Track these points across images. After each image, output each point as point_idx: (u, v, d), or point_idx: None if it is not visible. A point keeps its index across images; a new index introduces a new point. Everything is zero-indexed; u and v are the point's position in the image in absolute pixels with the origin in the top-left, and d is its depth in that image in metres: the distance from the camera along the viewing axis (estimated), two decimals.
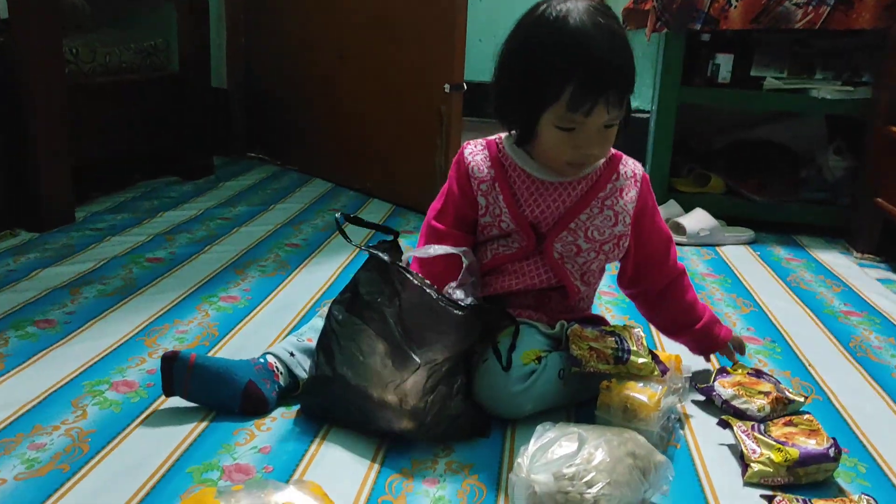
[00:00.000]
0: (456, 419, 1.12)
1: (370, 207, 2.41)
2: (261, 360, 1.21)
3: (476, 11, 2.17)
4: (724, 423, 1.16)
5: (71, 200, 2.08)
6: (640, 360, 1.17)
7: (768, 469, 1.06)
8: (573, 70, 1.10)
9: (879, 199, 2.10)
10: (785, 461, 1.05)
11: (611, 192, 1.24)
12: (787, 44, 2.32)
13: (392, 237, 1.19)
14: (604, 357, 1.17)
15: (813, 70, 2.29)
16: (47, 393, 1.20)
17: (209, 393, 1.15)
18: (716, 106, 2.53)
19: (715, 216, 2.23)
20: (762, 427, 1.14)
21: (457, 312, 1.11)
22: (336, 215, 1.20)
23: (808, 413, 1.20)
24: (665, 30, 2.25)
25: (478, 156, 1.26)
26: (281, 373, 1.20)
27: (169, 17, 2.55)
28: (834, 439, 1.09)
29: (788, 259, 2.11)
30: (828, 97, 2.22)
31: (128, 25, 2.62)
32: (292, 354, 1.23)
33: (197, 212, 2.24)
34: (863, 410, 1.29)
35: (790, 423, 1.15)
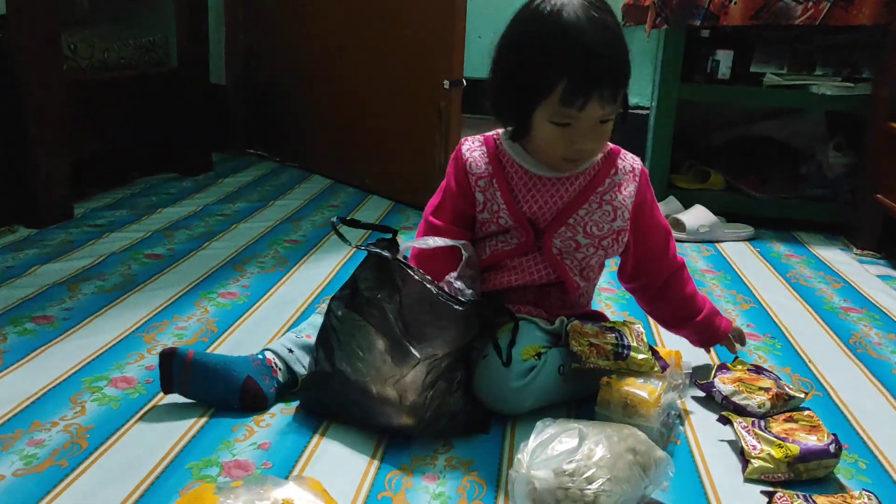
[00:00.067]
0: (455, 415, 1.12)
1: (369, 204, 2.41)
2: (259, 357, 1.20)
3: (475, 8, 2.16)
4: (725, 420, 1.16)
5: (69, 197, 2.08)
6: (641, 357, 1.17)
7: (769, 465, 1.06)
8: (566, 64, 1.10)
9: (879, 196, 2.10)
10: (785, 457, 1.05)
11: (609, 187, 1.24)
12: (787, 40, 2.32)
13: (391, 235, 1.19)
14: (604, 353, 1.17)
15: (813, 66, 2.29)
16: (46, 389, 1.20)
17: (208, 389, 1.15)
18: (715, 102, 2.52)
19: (714, 212, 2.23)
20: (762, 423, 1.14)
21: (457, 307, 1.11)
22: (332, 219, 1.20)
23: (809, 409, 1.20)
24: (665, 26, 2.24)
25: (475, 152, 1.26)
26: (280, 369, 1.20)
27: (167, 13, 2.55)
28: (834, 435, 1.09)
29: (788, 255, 2.10)
30: (828, 93, 2.22)
31: (126, 21, 2.62)
32: (291, 351, 1.22)
33: (196, 208, 2.24)
34: (863, 407, 1.29)
35: (791, 420, 1.15)
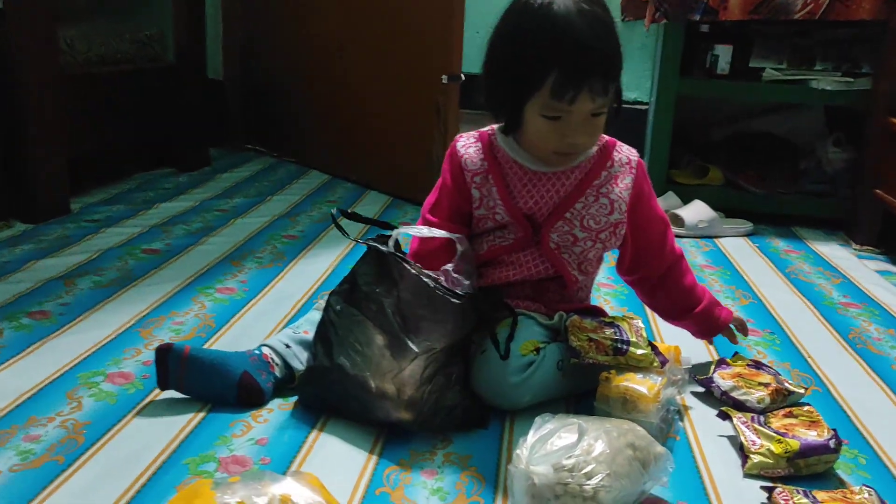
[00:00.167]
0: (453, 410, 1.12)
1: (367, 199, 2.40)
2: (256, 352, 1.20)
3: (474, 2, 2.15)
4: (724, 415, 1.15)
5: (66, 192, 2.07)
6: (640, 352, 1.16)
7: (768, 460, 1.05)
8: (556, 57, 1.10)
9: (879, 191, 2.09)
10: (785, 452, 1.05)
11: (605, 180, 1.23)
12: (787, 35, 2.31)
13: (390, 231, 1.18)
14: (603, 348, 1.16)
15: (812, 61, 2.28)
16: (42, 385, 1.19)
17: (204, 385, 1.15)
18: (715, 97, 2.52)
19: (714, 208, 2.23)
20: (762, 418, 1.14)
21: (454, 301, 1.11)
22: (332, 210, 1.19)
23: (809, 404, 1.20)
24: (664, 20, 2.24)
25: (471, 148, 1.25)
26: (277, 364, 1.20)
27: (165, 8, 2.54)
28: (834, 430, 1.08)
29: (787, 251, 2.10)
30: (827, 88, 2.21)
31: (123, 15, 2.61)
32: (288, 346, 1.22)
33: (193, 203, 2.23)
34: (863, 402, 1.28)
35: (790, 415, 1.15)
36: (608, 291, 1.71)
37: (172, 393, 1.16)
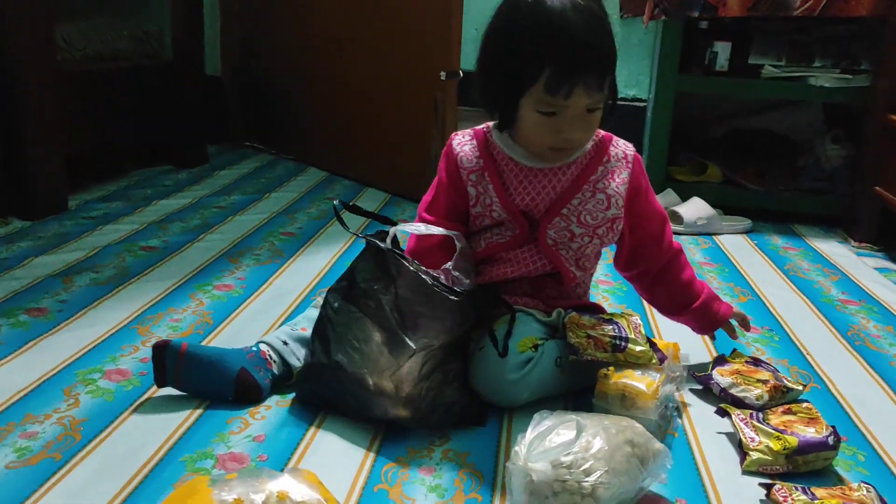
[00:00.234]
0: (451, 407, 1.11)
1: (365, 196, 2.40)
2: (253, 349, 1.20)
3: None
4: (723, 412, 1.15)
5: (63, 189, 2.06)
6: (638, 349, 1.16)
7: (767, 457, 1.05)
8: (550, 52, 1.09)
9: (878, 188, 2.09)
10: (784, 449, 1.05)
11: (602, 175, 1.23)
12: (786, 31, 2.31)
13: (390, 227, 1.18)
14: (601, 345, 1.16)
15: (811, 58, 2.28)
16: (39, 381, 1.19)
17: (201, 382, 1.14)
18: (713, 94, 2.51)
19: (712, 205, 2.22)
20: (760, 415, 1.13)
21: (452, 297, 1.11)
22: (334, 202, 1.19)
23: (807, 401, 1.20)
24: (663, 17, 2.24)
25: (466, 146, 1.25)
26: (274, 361, 1.19)
27: (162, 4, 2.53)
28: (833, 427, 1.08)
29: (786, 248, 2.10)
30: (826, 85, 2.21)
31: (121, 12, 2.59)
32: (286, 343, 1.22)
33: (191, 200, 2.23)
34: (861, 399, 1.28)
35: (789, 412, 1.14)
36: (607, 288, 1.71)
37: (170, 390, 1.16)
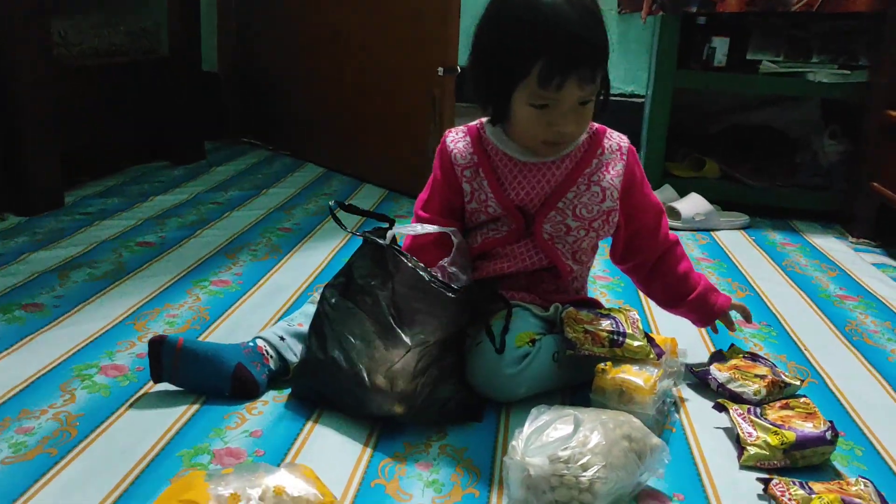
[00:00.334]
0: (447, 403, 1.11)
1: (363, 192, 2.40)
2: (250, 344, 1.19)
3: None
4: (720, 407, 1.15)
5: (60, 184, 2.06)
6: (636, 343, 1.16)
7: (764, 452, 1.05)
8: (542, 44, 1.09)
9: (876, 184, 2.09)
10: (781, 444, 1.04)
11: (596, 168, 1.22)
12: (784, 27, 2.30)
13: (387, 224, 1.18)
14: (599, 340, 1.16)
15: (809, 54, 2.28)
16: (35, 377, 1.19)
17: (198, 377, 1.14)
18: (711, 90, 2.51)
19: (710, 201, 2.22)
20: (758, 410, 1.13)
21: (449, 294, 1.10)
22: (329, 202, 1.19)
23: (805, 396, 1.19)
24: (661, 12, 2.23)
25: (460, 143, 1.25)
26: (271, 356, 1.19)
27: (159, 0, 2.52)
28: (831, 422, 1.08)
29: (783, 244, 2.10)
30: (824, 81, 2.21)
31: (118, 8, 2.59)
32: (282, 338, 1.21)
33: (188, 196, 2.22)
34: (859, 394, 1.28)
35: (787, 407, 1.14)
36: (604, 284, 1.70)
37: (166, 385, 1.16)
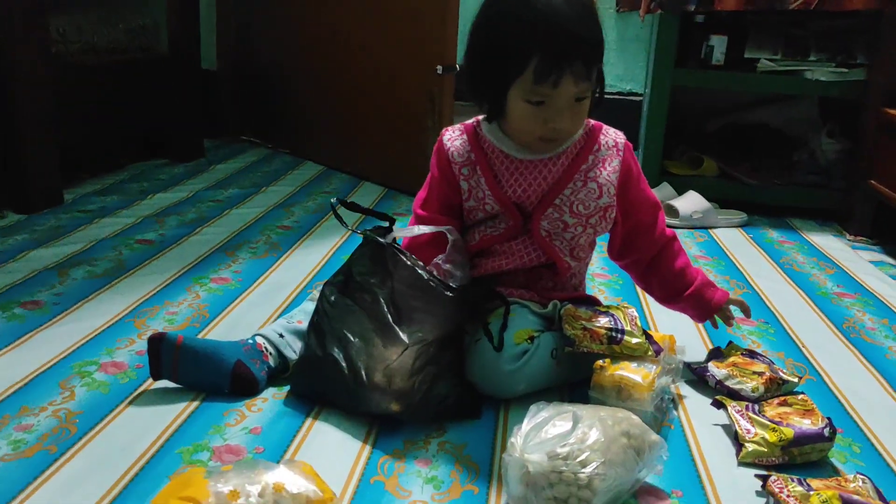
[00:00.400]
0: (444, 400, 1.11)
1: (362, 190, 2.40)
2: (249, 342, 1.19)
3: None
4: (718, 404, 1.15)
5: (59, 182, 2.06)
6: (634, 341, 1.16)
7: (763, 449, 1.05)
8: (538, 41, 1.10)
9: (873, 182, 2.09)
10: (779, 441, 1.05)
11: (593, 164, 1.23)
12: (782, 25, 2.31)
13: (388, 223, 1.18)
14: (597, 337, 1.16)
15: (807, 52, 2.28)
16: (34, 374, 1.19)
17: (198, 374, 1.14)
18: (709, 88, 2.51)
19: (708, 199, 2.22)
20: (756, 407, 1.14)
21: (447, 293, 1.11)
22: (332, 199, 1.19)
23: (803, 393, 1.20)
24: (659, 10, 2.23)
25: (457, 141, 1.25)
26: (270, 353, 1.19)
27: None
28: (829, 419, 1.08)
29: (781, 241, 2.10)
30: (822, 79, 2.21)
31: (116, 5, 2.58)
32: (282, 336, 1.22)
33: (187, 194, 2.22)
34: (857, 391, 1.29)
35: (784, 403, 1.15)
36: (603, 281, 1.71)
37: (165, 382, 1.16)
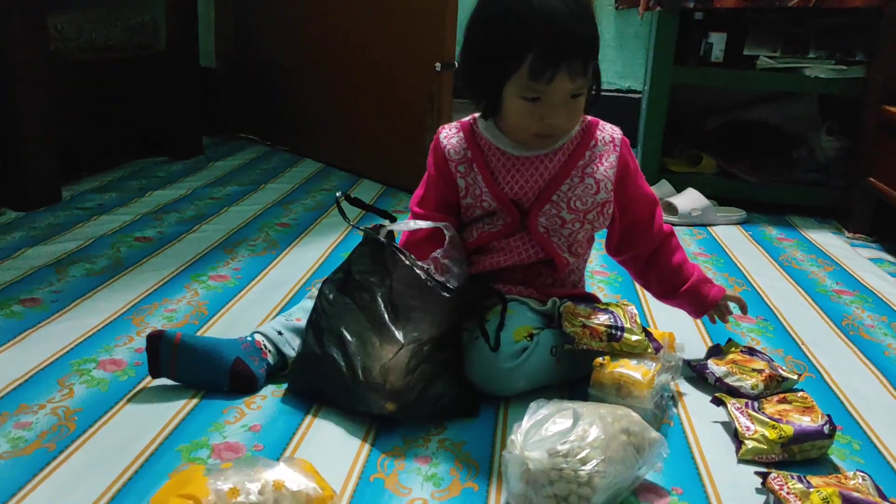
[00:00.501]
0: (440, 399, 1.11)
1: (361, 188, 2.40)
2: (248, 339, 1.19)
3: None
4: (718, 401, 1.15)
5: (57, 179, 2.06)
6: (634, 338, 1.16)
7: (762, 446, 1.05)
8: (533, 37, 1.09)
9: (872, 179, 2.09)
10: (779, 438, 1.05)
11: (590, 160, 1.22)
12: (781, 23, 2.30)
13: (389, 221, 1.18)
14: (597, 334, 1.16)
15: (806, 49, 2.28)
16: (33, 371, 1.19)
17: (197, 372, 1.14)
18: (709, 86, 2.50)
19: (707, 196, 2.22)
20: (756, 404, 1.14)
21: (444, 294, 1.11)
22: (337, 193, 1.19)
23: (802, 390, 1.20)
24: (658, 8, 2.23)
25: (453, 139, 1.25)
26: (269, 351, 1.19)
27: None
28: (828, 416, 1.08)
29: (780, 239, 2.10)
30: (821, 76, 2.21)
31: (115, 3, 2.58)
32: (280, 333, 1.21)
33: (186, 191, 2.22)
34: (856, 388, 1.29)
35: (784, 401, 1.15)
36: (602, 279, 1.71)
37: (164, 380, 1.16)
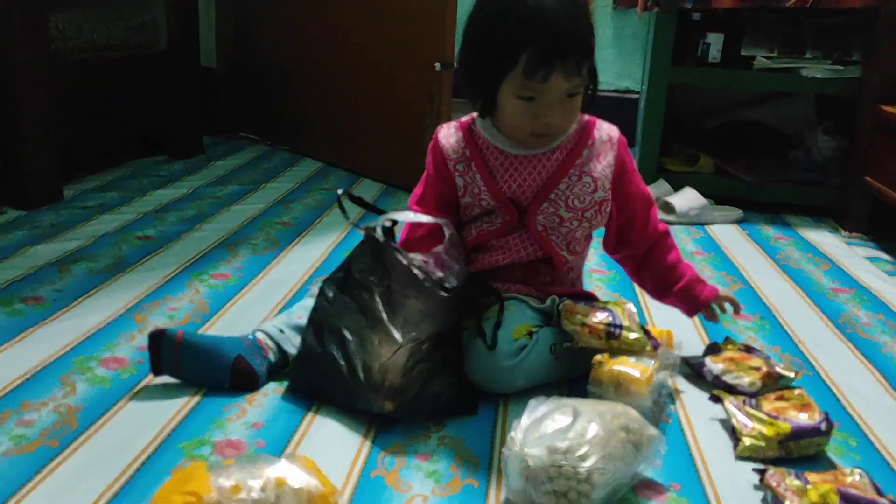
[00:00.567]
0: (438, 398, 1.12)
1: (360, 187, 2.40)
2: (250, 337, 1.20)
3: None
4: (716, 398, 1.16)
5: (58, 178, 2.06)
6: (632, 336, 1.17)
7: (760, 443, 1.06)
8: (528, 36, 1.10)
9: (868, 179, 2.10)
10: (777, 435, 1.06)
11: (587, 159, 1.23)
12: (778, 23, 2.31)
13: (389, 222, 1.19)
14: (596, 332, 1.17)
15: (803, 49, 2.28)
16: (36, 369, 1.20)
17: (198, 370, 1.15)
18: (706, 86, 2.51)
19: (704, 195, 2.23)
20: (754, 401, 1.14)
21: (442, 294, 1.12)
22: (338, 190, 1.20)
23: (800, 388, 1.21)
24: (656, 8, 2.24)
25: (451, 138, 1.26)
26: (271, 349, 1.20)
27: None
28: (825, 413, 1.09)
29: (777, 238, 2.11)
30: (818, 76, 2.21)
31: (115, 2, 2.59)
32: (282, 331, 1.22)
33: (187, 190, 2.23)
34: (853, 386, 1.30)
35: (781, 398, 1.15)
36: (600, 277, 1.72)
37: (166, 378, 1.17)
